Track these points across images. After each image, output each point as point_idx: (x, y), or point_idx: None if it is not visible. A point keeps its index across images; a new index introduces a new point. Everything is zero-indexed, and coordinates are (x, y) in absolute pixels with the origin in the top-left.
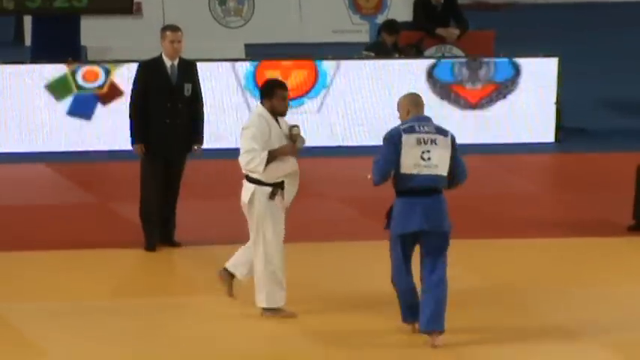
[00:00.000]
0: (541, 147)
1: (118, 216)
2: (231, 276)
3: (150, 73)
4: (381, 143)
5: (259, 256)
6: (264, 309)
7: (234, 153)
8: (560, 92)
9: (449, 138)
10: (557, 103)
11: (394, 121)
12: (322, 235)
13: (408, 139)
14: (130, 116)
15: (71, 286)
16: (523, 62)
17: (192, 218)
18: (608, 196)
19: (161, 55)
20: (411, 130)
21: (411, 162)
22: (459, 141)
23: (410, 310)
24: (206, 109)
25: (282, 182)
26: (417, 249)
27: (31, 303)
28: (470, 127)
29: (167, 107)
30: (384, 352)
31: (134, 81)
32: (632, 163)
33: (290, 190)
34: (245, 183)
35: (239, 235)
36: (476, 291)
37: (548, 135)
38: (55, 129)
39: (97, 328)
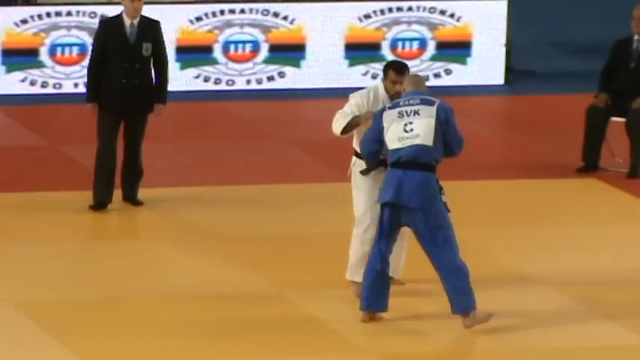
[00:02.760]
0: (491, 89)
1: (68, 159)
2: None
3: (109, 31)
4: None
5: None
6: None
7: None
8: (510, 34)
9: (434, 107)
10: (507, 44)
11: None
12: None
13: (388, 115)
14: (87, 74)
15: (14, 228)
16: (472, 4)
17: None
18: (557, 138)
19: (122, 13)
20: (395, 105)
21: (394, 136)
22: None
23: (370, 292)
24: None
25: (384, 160)
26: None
27: None
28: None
29: (124, 67)
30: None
31: (93, 38)
32: (581, 105)
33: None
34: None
35: (195, 180)
36: None
37: (497, 77)
38: (7, 71)
39: (36, 273)
